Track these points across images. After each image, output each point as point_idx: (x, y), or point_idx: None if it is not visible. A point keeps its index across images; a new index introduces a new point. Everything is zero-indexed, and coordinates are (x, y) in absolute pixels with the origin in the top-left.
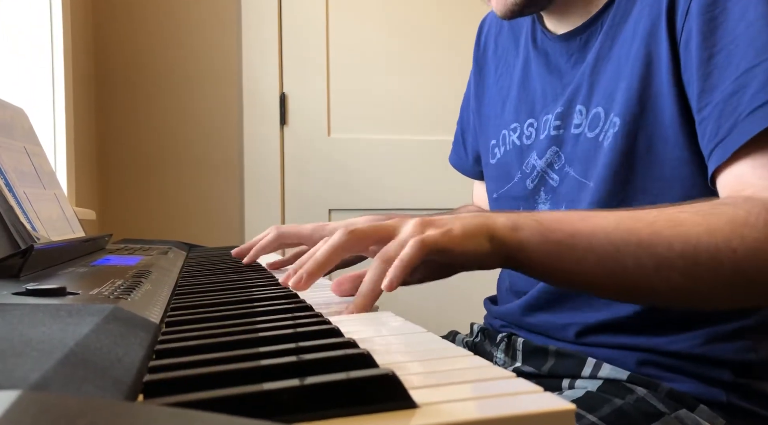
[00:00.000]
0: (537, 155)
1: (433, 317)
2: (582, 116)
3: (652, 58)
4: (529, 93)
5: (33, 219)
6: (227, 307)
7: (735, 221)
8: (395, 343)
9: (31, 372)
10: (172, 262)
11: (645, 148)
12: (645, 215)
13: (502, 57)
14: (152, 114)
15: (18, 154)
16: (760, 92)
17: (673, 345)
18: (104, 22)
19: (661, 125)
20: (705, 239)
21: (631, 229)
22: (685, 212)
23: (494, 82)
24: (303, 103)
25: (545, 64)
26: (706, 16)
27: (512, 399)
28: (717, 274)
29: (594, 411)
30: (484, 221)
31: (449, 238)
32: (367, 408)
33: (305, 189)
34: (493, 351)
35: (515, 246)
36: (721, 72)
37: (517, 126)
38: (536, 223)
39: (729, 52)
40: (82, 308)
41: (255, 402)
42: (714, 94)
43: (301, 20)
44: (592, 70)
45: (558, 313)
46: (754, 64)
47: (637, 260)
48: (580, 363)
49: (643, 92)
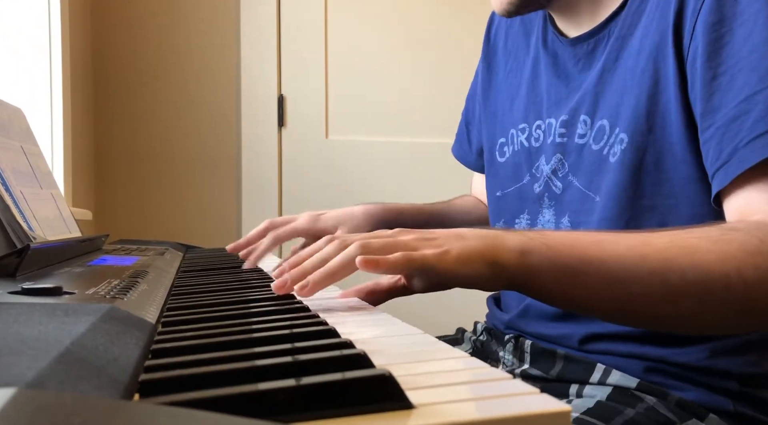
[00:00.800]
0: (545, 160)
1: (434, 315)
2: (586, 126)
3: (659, 75)
4: (537, 94)
5: (30, 219)
6: (224, 307)
7: (747, 249)
8: (392, 344)
9: (27, 371)
10: (168, 263)
11: (653, 165)
12: (657, 240)
13: (513, 52)
14: (150, 115)
15: (15, 153)
16: (761, 121)
17: (679, 357)
18: (102, 23)
19: (669, 143)
20: (717, 267)
21: (642, 255)
22: (696, 237)
23: (504, 77)
24: (301, 105)
25: (553, 67)
26: (711, 35)
27: (508, 400)
28: (727, 302)
29: (608, 421)
30: (489, 244)
31: (440, 260)
32: (364, 408)
33: (303, 191)
34: (500, 352)
35: (522, 271)
36: (723, 94)
37: (526, 127)
38: (546, 247)
39: (732, 75)
40: (79, 308)
41: (251, 401)
42: (716, 116)
43: (300, 22)
44: (598, 81)
45: (561, 322)
46: (756, 90)
47: (647, 287)
48: (588, 369)
49: (651, 109)
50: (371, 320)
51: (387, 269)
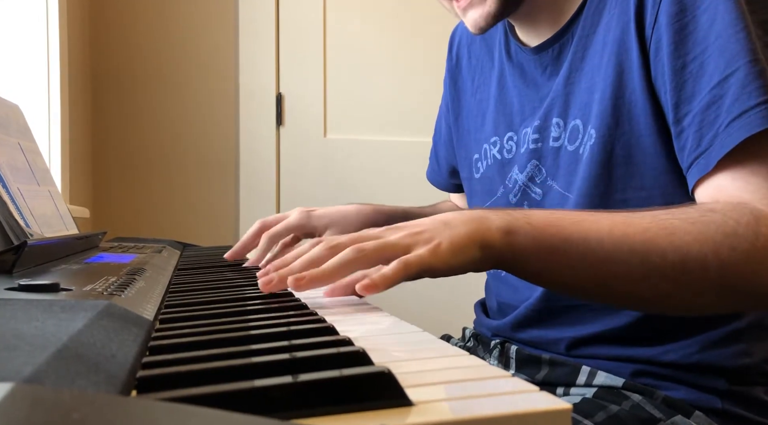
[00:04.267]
0: (518, 170)
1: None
2: (560, 129)
3: (623, 68)
4: (506, 106)
5: (26, 216)
6: (221, 305)
7: (724, 231)
8: (390, 342)
9: (24, 366)
10: (166, 260)
11: (623, 159)
12: (638, 220)
13: (477, 68)
14: (148, 113)
15: (12, 150)
16: (736, 103)
17: (668, 356)
18: (100, 20)
19: (637, 135)
20: (695, 247)
21: (624, 235)
22: (676, 218)
23: (472, 94)
24: (299, 104)
25: (521, 77)
26: (675, 25)
27: (508, 398)
28: (704, 282)
29: (589, 416)
30: (477, 227)
31: (435, 256)
32: (363, 405)
33: (301, 189)
34: (486, 358)
35: (508, 250)
36: (696, 82)
37: (497, 140)
38: (530, 227)
39: (702, 62)
40: (76, 304)
41: (248, 398)
42: (691, 104)
43: (299, 20)
44: (566, 82)
45: (547, 329)
46: (727, 73)
47: (628, 267)
48: (574, 372)
49: (616, 102)
50: (370, 317)
51: (388, 286)
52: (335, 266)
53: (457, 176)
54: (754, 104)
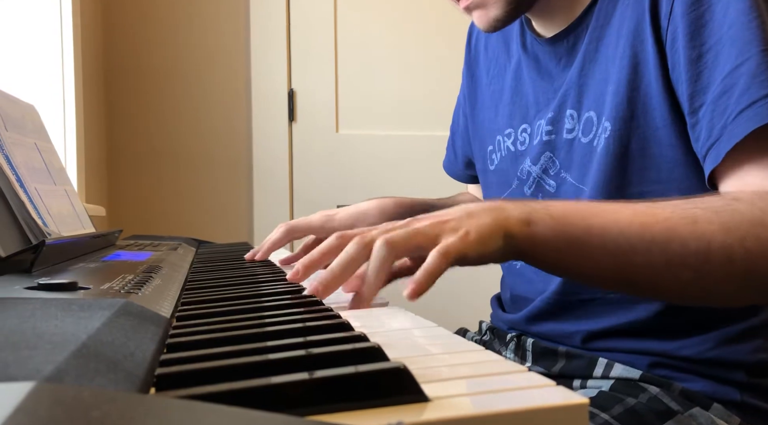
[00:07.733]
0: (531, 161)
1: (439, 314)
2: (574, 121)
3: (638, 60)
4: (522, 97)
5: (44, 215)
6: (237, 302)
7: (750, 221)
8: (406, 337)
9: (45, 364)
10: (181, 258)
11: (638, 152)
12: (659, 210)
13: (494, 59)
14: (161, 111)
15: (29, 150)
16: (745, 94)
17: (684, 351)
18: (113, 20)
19: (652, 127)
20: (719, 237)
21: (644, 224)
22: (698, 207)
23: (487, 84)
24: (311, 100)
25: (536, 69)
26: (691, 15)
27: (525, 393)
28: (729, 272)
29: (607, 410)
30: (498, 217)
31: (466, 243)
32: (379, 401)
33: (314, 185)
34: (503, 351)
35: (528, 242)
36: (710, 73)
37: (512, 132)
38: (549, 218)
39: (716, 52)
40: (94, 303)
41: (265, 395)
42: (706, 95)
43: (310, 17)
44: (580, 74)
45: (562, 322)
46: (738, 63)
47: (649, 256)
48: (591, 364)
49: (631, 95)
50: (384, 313)
51: (434, 281)
52: (379, 270)
53: (472, 168)
54: (763, 95)
